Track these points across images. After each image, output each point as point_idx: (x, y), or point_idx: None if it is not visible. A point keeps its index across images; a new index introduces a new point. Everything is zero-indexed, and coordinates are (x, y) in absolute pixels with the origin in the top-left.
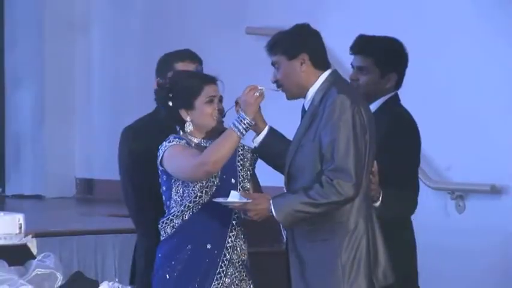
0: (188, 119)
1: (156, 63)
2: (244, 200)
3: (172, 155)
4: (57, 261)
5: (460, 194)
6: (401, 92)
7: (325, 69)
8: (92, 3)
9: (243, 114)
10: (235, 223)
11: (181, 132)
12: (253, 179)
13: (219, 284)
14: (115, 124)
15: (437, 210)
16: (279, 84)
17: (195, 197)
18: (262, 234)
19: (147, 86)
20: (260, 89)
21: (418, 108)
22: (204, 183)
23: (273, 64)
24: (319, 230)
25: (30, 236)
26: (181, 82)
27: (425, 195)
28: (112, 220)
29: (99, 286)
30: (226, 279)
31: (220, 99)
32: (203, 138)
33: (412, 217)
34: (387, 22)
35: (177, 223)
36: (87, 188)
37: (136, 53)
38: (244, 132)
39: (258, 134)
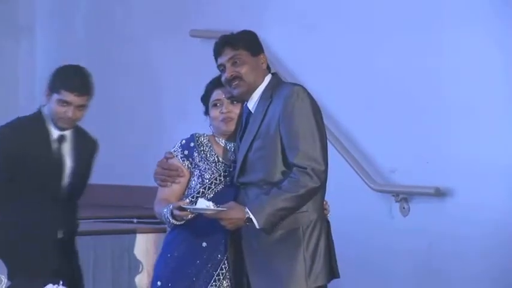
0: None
1: (98, 68)
2: (218, 209)
3: None
4: (1, 264)
5: (404, 197)
6: (345, 94)
7: (269, 73)
8: (36, 7)
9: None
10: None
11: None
12: None
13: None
14: None
15: (382, 212)
16: (237, 77)
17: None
18: None
19: None
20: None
21: (363, 110)
22: (208, 180)
23: (230, 59)
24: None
25: None
26: None
27: (369, 198)
28: None
29: None
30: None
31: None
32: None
33: (357, 219)
34: (330, 20)
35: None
36: None
37: (80, 57)
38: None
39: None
